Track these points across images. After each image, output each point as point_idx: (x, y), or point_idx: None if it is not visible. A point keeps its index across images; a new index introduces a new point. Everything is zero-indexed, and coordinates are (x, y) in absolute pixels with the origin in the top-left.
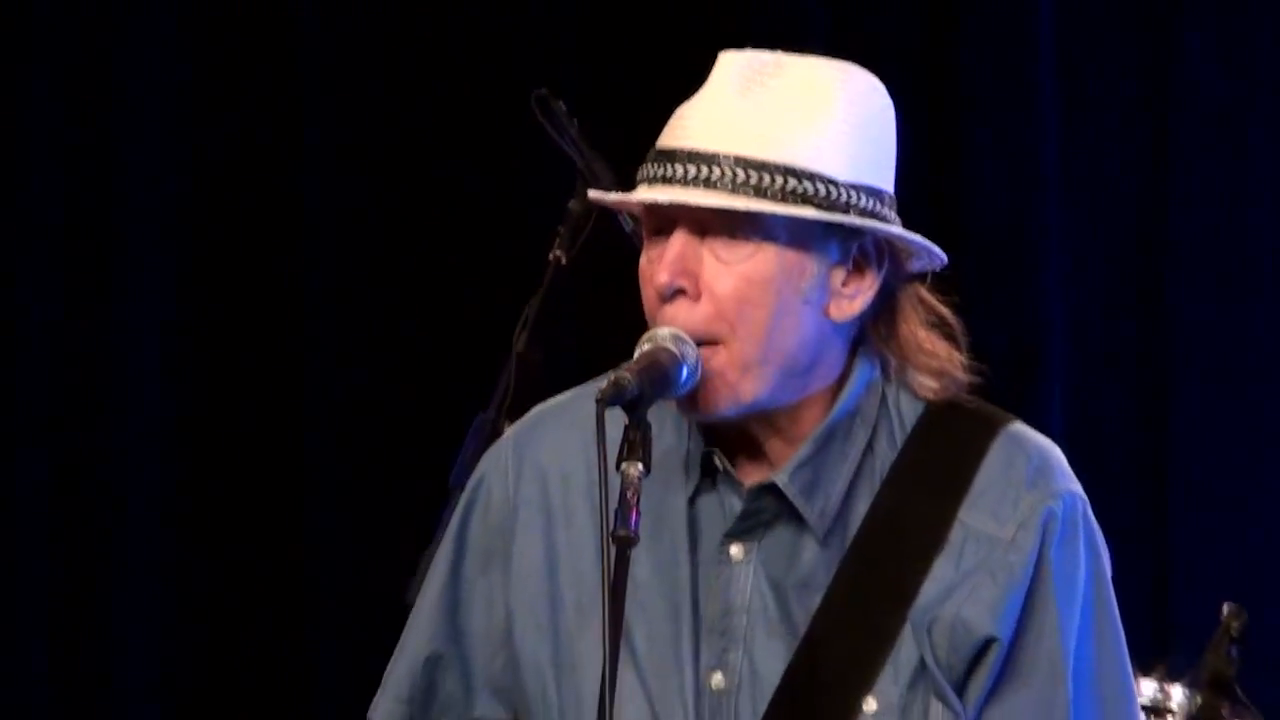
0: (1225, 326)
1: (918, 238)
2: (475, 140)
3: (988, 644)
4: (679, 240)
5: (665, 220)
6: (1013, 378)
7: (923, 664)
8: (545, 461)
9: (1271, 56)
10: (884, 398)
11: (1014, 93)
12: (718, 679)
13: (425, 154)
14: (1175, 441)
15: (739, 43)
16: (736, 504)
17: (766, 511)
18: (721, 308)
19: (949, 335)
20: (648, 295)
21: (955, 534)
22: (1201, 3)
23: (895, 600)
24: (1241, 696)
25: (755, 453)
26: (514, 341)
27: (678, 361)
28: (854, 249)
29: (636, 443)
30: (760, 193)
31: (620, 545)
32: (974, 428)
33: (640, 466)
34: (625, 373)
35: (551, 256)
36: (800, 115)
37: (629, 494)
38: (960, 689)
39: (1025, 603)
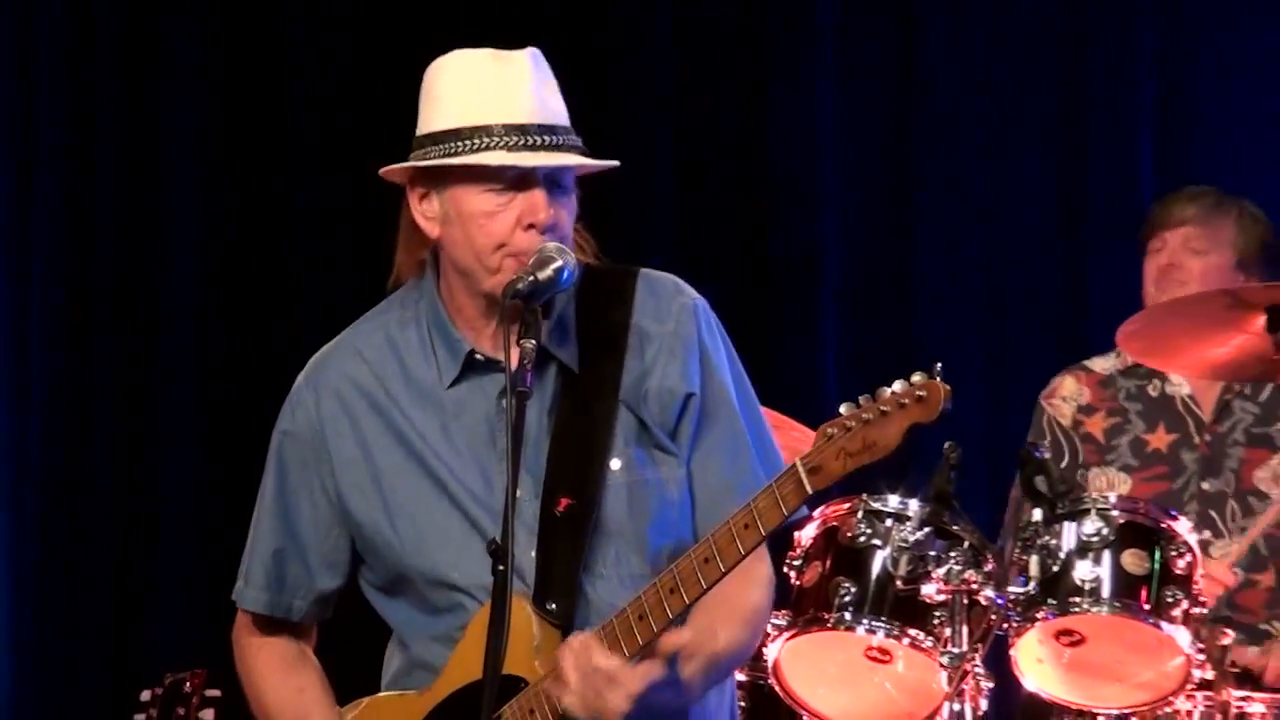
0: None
1: (608, 163)
2: None
3: (688, 399)
4: (542, 192)
5: (526, 178)
6: (796, 278)
7: (643, 426)
8: (335, 383)
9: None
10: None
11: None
12: (518, 492)
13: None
14: (919, 307)
15: (597, 35)
16: (499, 376)
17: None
18: (563, 235)
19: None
20: (499, 229)
21: (633, 338)
22: None
23: (605, 392)
24: (957, 507)
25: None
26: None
27: (562, 266)
28: None
29: (532, 324)
30: (581, 152)
31: (520, 398)
32: (619, 275)
33: (533, 341)
34: (523, 273)
35: None
36: (557, 92)
37: (525, 361)
38: (674, 437)
39: (700, 367)
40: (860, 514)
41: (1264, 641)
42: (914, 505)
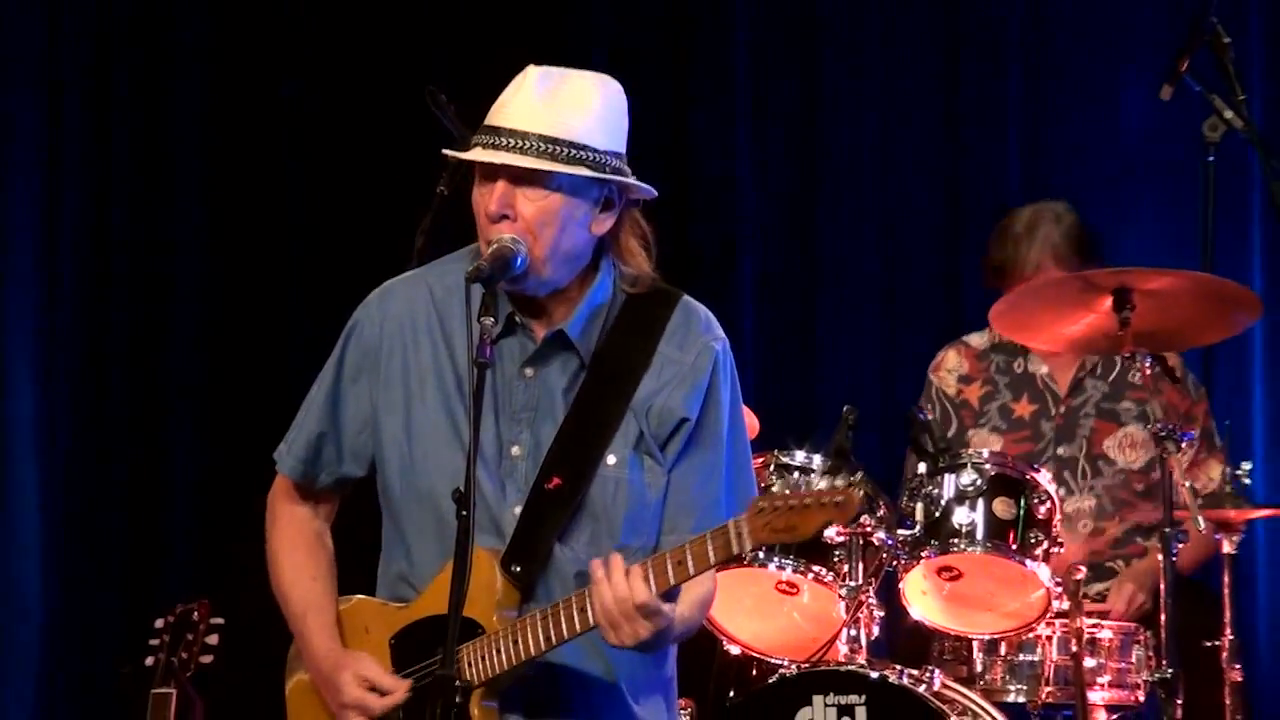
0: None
1: (643, 186)
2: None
3: (682, 422)
4: (502, 185)
5: (493, 171)
6: (718, 264)
7: (641, 435)
8: (399, 311)
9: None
10: (614, 278)
11: (722, 98)
12: (515, 450)
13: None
14: (822, 292)
15: (547, 52)
16: (530, 345)
17: (553, 347)
18: (528, 226)
19: (647, 243)
20: (480, 216)
21: (656, 360)
22: None
23: (619, 397)
24: (854, 461)
25: (541, 313)
26: (415, 241)
27: (514, 254)
28: (607, 191)
29: (490, 305)
30: (553, 157)
31: (480, 368)
32: (662, 297)
33: (491, 319)
34: (483, 261)
35: (437, 190)
36: (578, 108)
37: (484, 336)
38: (663, 450)
39: (703, 401)
40: (772, 467)
41: (1109, 581)
42: (817, 459)
